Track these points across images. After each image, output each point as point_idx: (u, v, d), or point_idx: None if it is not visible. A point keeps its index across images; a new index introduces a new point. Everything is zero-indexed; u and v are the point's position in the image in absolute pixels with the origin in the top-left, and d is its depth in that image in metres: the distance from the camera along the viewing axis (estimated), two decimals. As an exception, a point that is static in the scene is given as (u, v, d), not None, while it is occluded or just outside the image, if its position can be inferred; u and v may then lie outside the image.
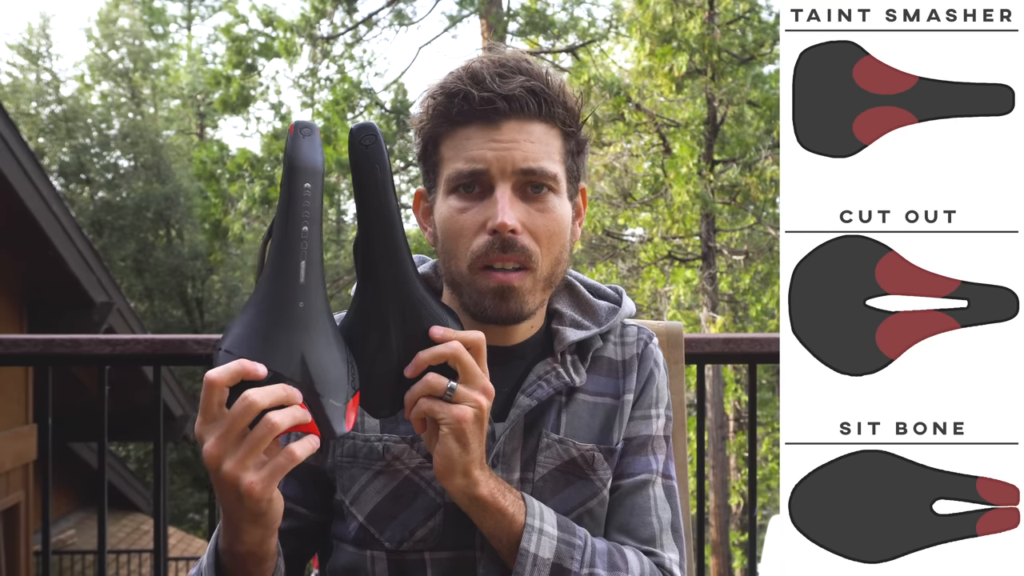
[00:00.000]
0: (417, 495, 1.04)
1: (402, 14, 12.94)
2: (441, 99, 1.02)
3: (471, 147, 1.01)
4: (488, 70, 1.01)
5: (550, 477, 1.07)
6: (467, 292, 1.03)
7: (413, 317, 0.92)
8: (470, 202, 1.02)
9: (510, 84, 1.00)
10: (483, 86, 1.00)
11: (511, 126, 1.01)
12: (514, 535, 0.97)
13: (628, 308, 1.16)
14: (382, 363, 0.92)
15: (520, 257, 1.01)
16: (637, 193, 11.43)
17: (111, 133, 16.97)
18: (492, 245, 1.00)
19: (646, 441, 1.12)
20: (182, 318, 16.04)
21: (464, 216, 1.01)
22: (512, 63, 1.02)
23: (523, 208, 1.01)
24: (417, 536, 1.03)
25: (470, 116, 1.01)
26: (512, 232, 0.99)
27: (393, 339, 0.92)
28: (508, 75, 1.01)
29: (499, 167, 1.00)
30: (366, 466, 1.05)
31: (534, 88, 1.01)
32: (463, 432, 0.91)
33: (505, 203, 0.99)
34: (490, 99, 0.99)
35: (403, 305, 0.92)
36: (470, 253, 1.01)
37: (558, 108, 1.03)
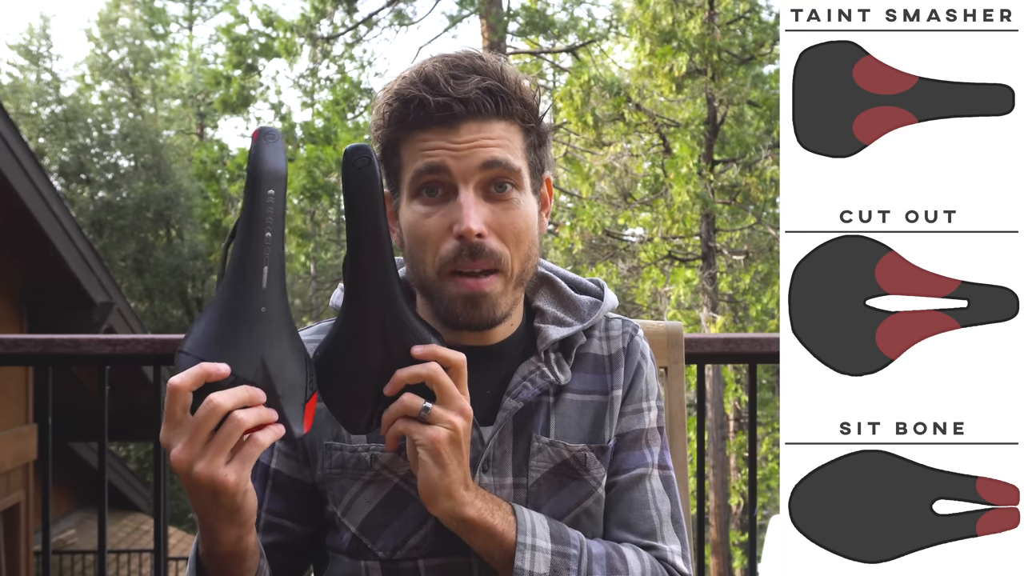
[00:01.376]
0: (407, 503, 1.03)
1: (402, 14, 12.94)
2: (397, 105, 1.00)
3: (430, 151, 0.99)
4: (441, 73, 0.99)
5: (544, 481, 1.06)
6: (437, 298, 1.02)
7: (397, 337, 0.92)
8: (434, 206, 1.00)
9: (465, 86, 0.98)
10: (438, 90, 0.98)
11: (469, 127, 0.99)
12: (507, 553, 0.97)
13: (611, 301, 1.14)
14: (364, 380, 0.92)
15: (489, 262, 0.99)
16: (637, 193, 11.43)
17: (111, 133, 16.97)
18: (460, 251, 0.98)
19: (639, 435, 1.12)
20: (182, 318, 16.04)
21: (429, 221, 1.00)
22: (466, 62, 1.01)
23: (488, 209, 1.00)
24: (410, 544, 1.03)
25: (427, 121, 0.99)
26: (479, 236, 0.98)
27: (375, 357, 0.92)
28: (462, 76, 0.99)
29: (460, 171, 0.99)
30: (355, 476, 1.04)
31: (490, 88, 0.99)
32: (439, 453, 0.91)
33: (470, 206, 0.98)
34: (446, 104, 0.98)
35: (387, 324, 0.92)
36: (438, 259, 1.00)
37: (516, 104, 1.01)
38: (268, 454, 1.08)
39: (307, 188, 12.57)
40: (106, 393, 1.88)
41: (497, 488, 1.05)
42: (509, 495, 1.05)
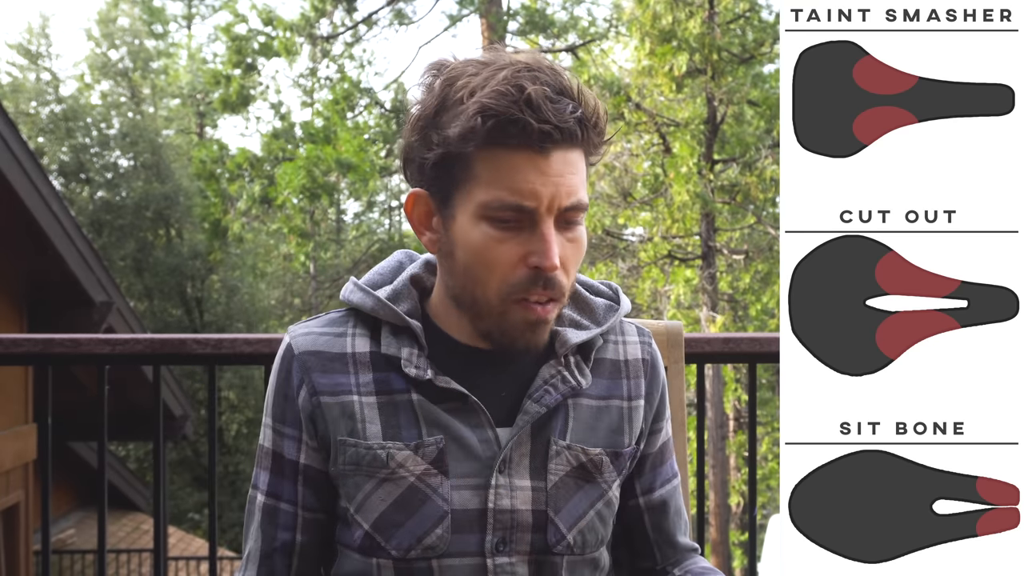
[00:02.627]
0: (423, 502, 1.03)
1: (402, 13, 12.95)
2: (493, 124, 0.94)
3: (520, 178, 0.96)
4: (542, 95, 0.95)
5: (562, 484, 1.06)
6: (493, 321, 1.01)
7: None
8: (508, 232, 0.98)
9: (562, 112, 0.95)
10: (540, 115, 0.94)
11: (558, 156, 0.97)
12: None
13: (626, 306, 1.15)
14: None
15: (556, 292, 1.00)
16: (637, 193, 11.43)
17: (111, 133, 16.97)
18: (534, 281, 0.98)
19: (666, 446, 1.18)
20: (182, 318, 16.03)
21: (503, 247, 0.98)
22: (555, 82, 0.97)
23: (560, 241, 0.99)
24: (425, 543, 1.02)
25: (523, 145, 0.95)
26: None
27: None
28: (557, 99, 0.96)
29: (548, 203, 0.97)
30: (370, 474, 1.03)
31: (580, 117, 0.97)
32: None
33: (553, 241, 0.97)
34: (548, 132, 0.95)
35: None
36: (506, 286, 0.99)
37: (593, 135, 1.00)
38: (295, 449, 1.07)
39: (307, 188, 12.57)
40: (106, 393, 1.88)
41: (514, 490, 1.04)
42: (528, 498, 1.05)
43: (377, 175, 14.69)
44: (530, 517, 1.04)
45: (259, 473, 1.09)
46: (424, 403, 1.04)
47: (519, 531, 1.04)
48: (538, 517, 1.05)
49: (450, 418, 1.04)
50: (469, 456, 1.03)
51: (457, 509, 1.02)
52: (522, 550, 1.04)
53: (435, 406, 1.04)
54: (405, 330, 1.06)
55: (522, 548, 1.04)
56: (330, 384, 1.04)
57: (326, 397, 1.04)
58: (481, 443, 1.04)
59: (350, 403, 1.03)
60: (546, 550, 1.05)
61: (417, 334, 1.06)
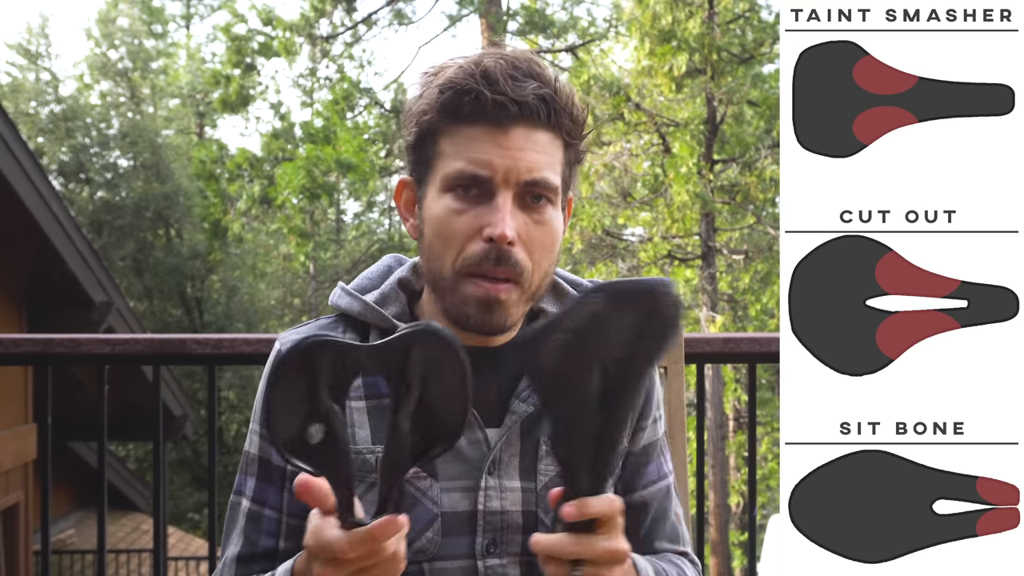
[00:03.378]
0: (413, 506, 1.02)
1: (401, 13, 12.95)
2: (449, 95, 0.98)
3: (476, 148, 0.98)
4: (502, 71, 0.97)
5: (552, 484, 1.05)
6: (449, 297, 1.01)
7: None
8: (467, 204, 0.99)
9: (523, 89, 0.97)
10: (496, 87, 0.97)
11: (519, 132, 0.98)
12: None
13: None
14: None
15: (511, 271, 0.98)
16: (637, 193, 11.43)
17: (110, 133, 16.96)
18: (487, 255, 0.97)
19: (655, 445, 1.14)
20: (181, 318, 16.03)
21: (460, 219, 0.99)
22: (525, 66, 0.99)
23: (521, 218, 0.99)
24: (416, 547, 1.02)
25: (479, 117, 0.98)
26: (510, 244, 0.97)
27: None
28: (521, 79, 0.98)
29: (503, 175, 0.98)
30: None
31: (545, 96, 0.98)
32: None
33: (506, 212, 0.97)
34: (502, 103, 0.96)
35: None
36: (461, 258, 0.99)
37: (565, 118, 1.01)
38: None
39: (306, 188, 12.57)
40: (105, 393, 1.88)
41: (503, 491, 1.04)
42: (518, 499, 1.05)
43: (377, 175, 14.69)
44: (520, 518, 1.04)
45: (244, 479, 1.08)
46: None
47: (509, 532, 1.04)
48: (528, 518, 1.04)
49: None
50: (458, 458, 1.03)
51: (447, 512, 1.02)
52: (513, 551, 1.04)
53: None
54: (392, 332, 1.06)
55: (513, 550, 1.04)
56: None
57: None
58: (470, 444, 1.04)
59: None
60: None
61: None
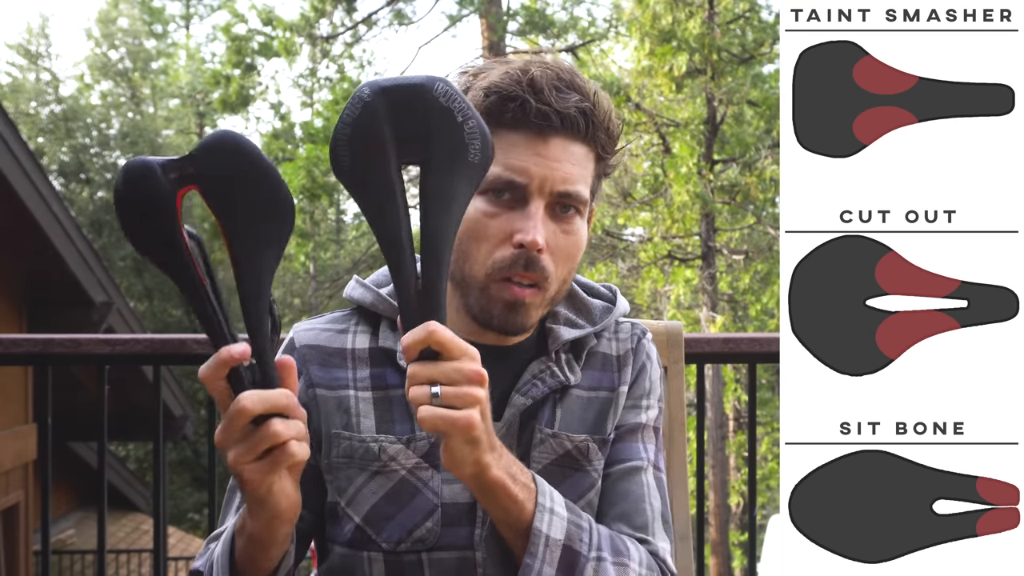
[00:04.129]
0: (414, 496, 1.04)
1: (402, 13, 12.94)
2: (495, 99, 1.00)
3: (515, 155, 1.00)
4: (547, 81, 1.00)
5: (546, 472, 1.06)
6: (476, 297, 1.03)
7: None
8: (500, 208, 1.01)
9: (566, 101, 0.99)
10: (541, 97, 0.99)
11: (557, 143, 1.00)
12: (525, 515, 0.95)
13: (622, 307, 1.16)
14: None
15: (538, 277, 1.01)
16: (637, 193, 11.43)
17: (111, 133, 16.97)
18: (516, 260, 1.00)
19: (636, 428, 1.12)
20: (182, 318, 16.04)
21: (492, 222, 1.01)
22: (568, 78, 1.02)
23: (551, 227, 1.01)
24: (415, 536, 1.03)
25: (521, 124, 1.00)
26: (539, 251, 0.99)
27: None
28: (565, 90, 1.00)
29: (539, 183, 1.00)
30: (362, 467, 1.04)
31: (585, 109, 1.01)
32: (474, 438, 0.88)
33: (539, 220, 0.99)
34: (546, 113, 0.99)
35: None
36: (491, 262, 1.01)
37: (601, 133, 1.03)
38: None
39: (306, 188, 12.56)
40: (105, 393, 1.88)
41: None
42: None
43: (377, 175, 14.64)
44: None
45: None
46: None
47: None
48: None
49: None
50: None
51: (447, 502, 1.04)
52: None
53: None
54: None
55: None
56: (327, 378, 1.06)
57: (322, 390, 1.06)
58: None
59: (346, 397, 1.05)
60: None
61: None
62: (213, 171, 0.82)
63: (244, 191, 0.83)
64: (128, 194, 0.80)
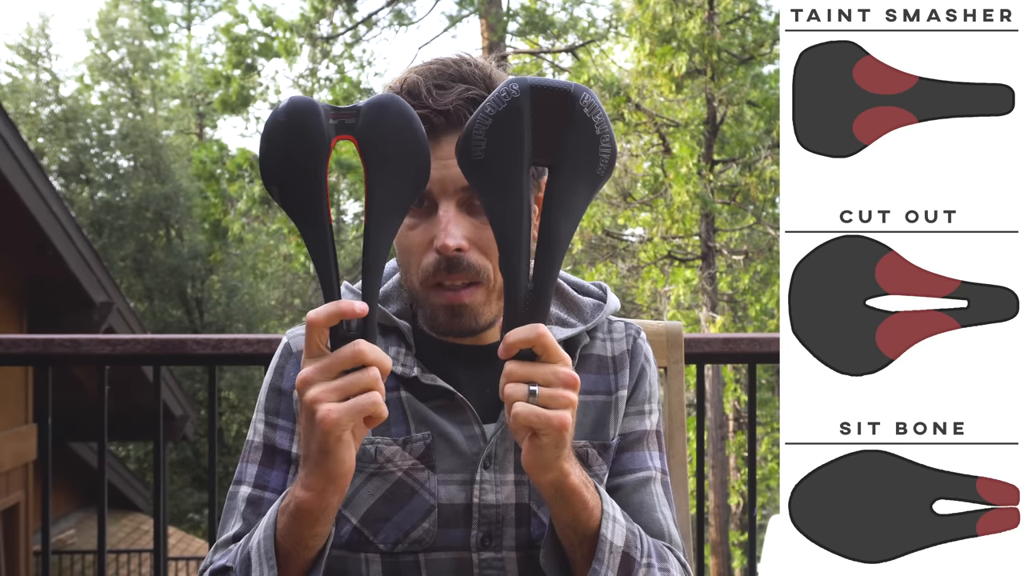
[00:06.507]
0: (411, 497, 1.04)
1: (402, 14, 12.94)
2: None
3: None
4: (425, 83, 0.99)
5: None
6: (421, 307, 1.05)
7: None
8: (419, 218, 1.01)
9: (447, 97, 0.98)
10: (419, 102, 0.98)
11: (450, 140, 0.97)
12: (593, 522, 0.96)
13: (613, 304, 1.16)
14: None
15: (468, 275, 1.00)
16: (637, 193, 11.43)
17: (111, 133, 16.97)
18: (439, 265, 1.00)
19: (642, 437, 1.13)
20: (182, 318, 16.03)
21: (413, 233, 1.01)
22: (452, 70, 1.00)
23: (469, 223, 1.00)
24: (412, 537, 1.04)
25: None
26: (458, 251, 0.98)
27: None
28: (447, 86, 0.99)
29: (440, 186, 0.99)
30: (359, 469, 1.04)
31: (474, 97, 0.98)
32: (563, 438, 0.89)
33: (448, 222, 0.98)
34: (425, 116, 0.96)
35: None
36: (420, 271, 1.02)
37: None
38: (288, 440, 1.08)
39: (307, 188, 12.55)
40: (106, 393, 1.88)
41: (499, 485, 1.05)
42: (512, 492, 1.05)
43: (377, 175, 14.64)
44: (514, 512, 1.05)
45: (245, 467, 1.09)
46: (412, 400, 1.06)
47: (504, 526, 1.05)
48: (521, 511, 1.05)
49: (437, 415, 1.05)
50: (455, 452, 1.05)
51: (444, 504, 1.04)
52: (508, 545, 1.05)
53: (422, 403, 1.06)
54: (394, 330, 1.09)
55: (508, 543, 1.05)
56: None
57: None
58: (467, 439, 1.05)
59: None
60: (531, 544, 1.05)
61: (404, 333, 1.08)
62: (373, 129, 0.85)
63: (397, 156, 0.86)
64: (286, 125, 0.83)
